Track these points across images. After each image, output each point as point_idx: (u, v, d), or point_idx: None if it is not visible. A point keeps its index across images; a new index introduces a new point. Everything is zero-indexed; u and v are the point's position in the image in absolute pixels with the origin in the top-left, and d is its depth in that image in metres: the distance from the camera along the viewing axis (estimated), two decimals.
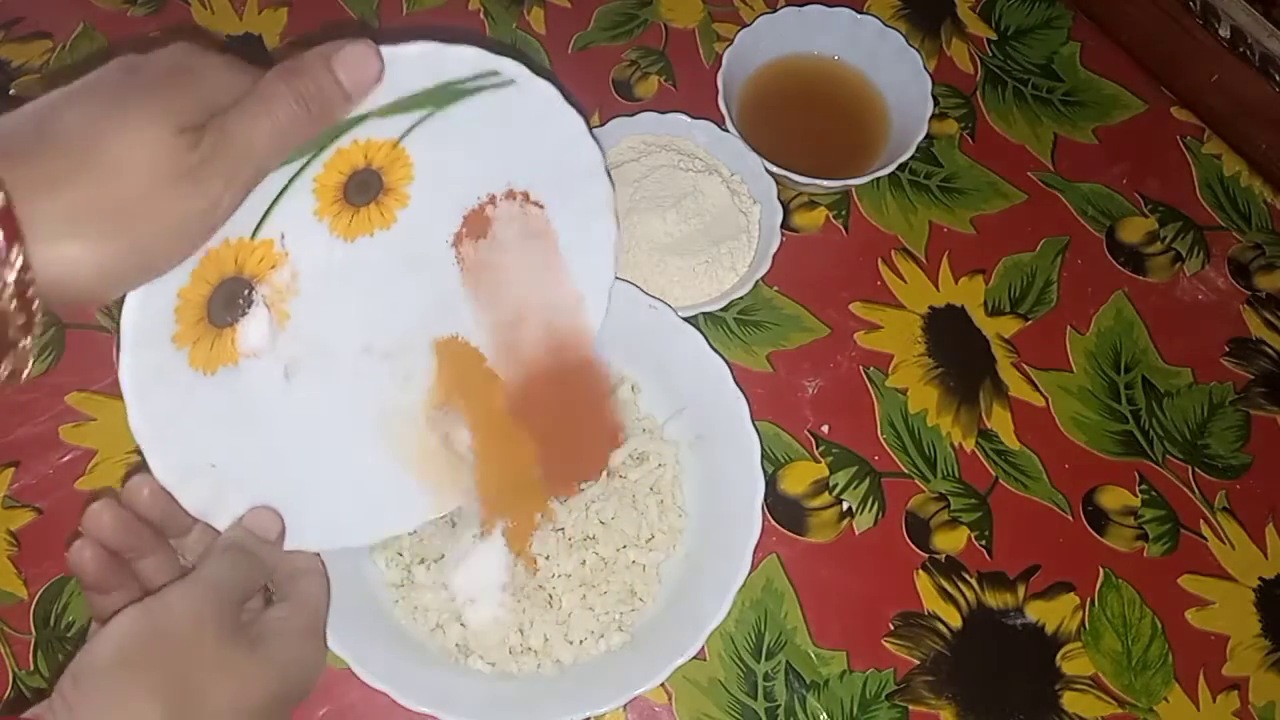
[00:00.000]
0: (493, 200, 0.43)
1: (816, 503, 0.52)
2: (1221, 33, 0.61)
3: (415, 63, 0.36)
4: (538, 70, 0.40)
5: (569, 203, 0.45)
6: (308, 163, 0.36)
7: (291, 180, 0.36)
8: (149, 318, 0.34)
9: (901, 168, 0.58)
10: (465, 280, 0.44)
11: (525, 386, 0.47)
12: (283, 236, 0.37)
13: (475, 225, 0.43)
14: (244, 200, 0.33)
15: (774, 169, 0.54)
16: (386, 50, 0.35)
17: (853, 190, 0.60)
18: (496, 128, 0.40)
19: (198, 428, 0.37)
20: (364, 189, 0.39)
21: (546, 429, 0.48)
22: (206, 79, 0.32)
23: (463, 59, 0.38)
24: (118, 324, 0.34)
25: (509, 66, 0.39)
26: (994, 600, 0.51)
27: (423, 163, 0.39)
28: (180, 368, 0.36)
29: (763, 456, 0.46)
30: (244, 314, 0.37)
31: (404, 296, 0.43)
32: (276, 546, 0.39)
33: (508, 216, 0.44)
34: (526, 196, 0.44)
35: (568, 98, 0.41)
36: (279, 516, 0.39)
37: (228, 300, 0.36)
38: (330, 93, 0.33)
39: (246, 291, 0.37)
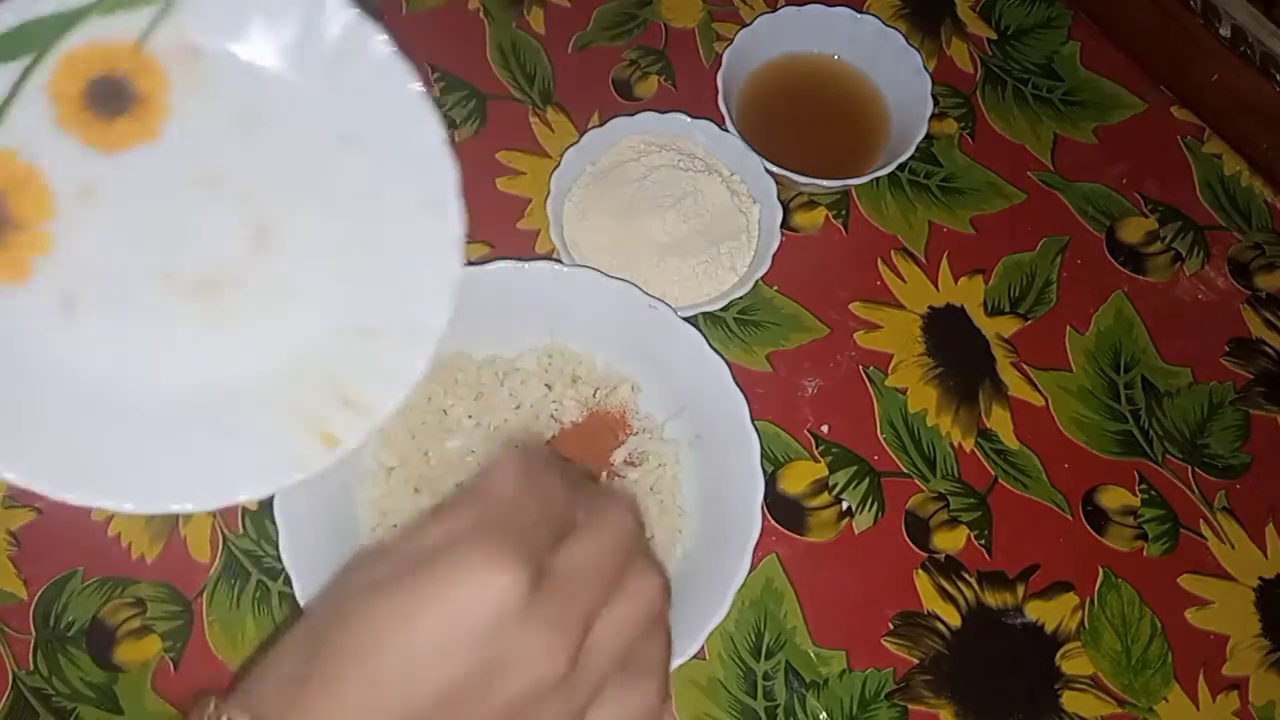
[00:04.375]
0: None
1: (816, 502, 0.52)
2: (1222, 32, 0.61)
3: None
4: None
5: (394, 148, 0.36)
6: (31, 66, 0.32)
7: (18, 85, 0.32)
8: None
9: (901, 168, 0.58)
10: None
11: None
12: (21, 150, 0.33)
13: None
14: None
15: (774, 169, 0.54)
16: None
17: (852, 190, 0.60)
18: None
19: None
20: (111, 98, 0.34)
21: None
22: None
23: None
24: None
25: None
26: (993, 600, 0.51)
27: (181, 73, 0.34)
28: None
29: (763, 456, 0.46)
30: None
31: (206, 219, 0.36)
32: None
33: None
34: None
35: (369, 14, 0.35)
36: None
37: None
38: None
39: None
